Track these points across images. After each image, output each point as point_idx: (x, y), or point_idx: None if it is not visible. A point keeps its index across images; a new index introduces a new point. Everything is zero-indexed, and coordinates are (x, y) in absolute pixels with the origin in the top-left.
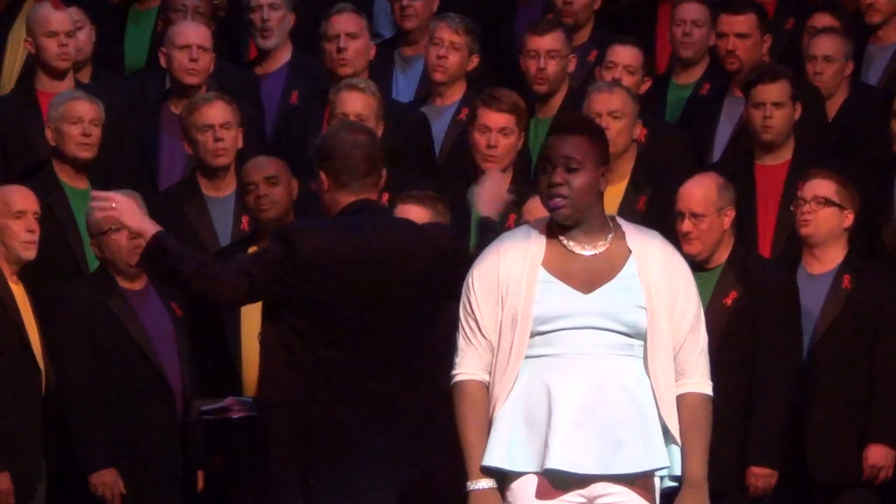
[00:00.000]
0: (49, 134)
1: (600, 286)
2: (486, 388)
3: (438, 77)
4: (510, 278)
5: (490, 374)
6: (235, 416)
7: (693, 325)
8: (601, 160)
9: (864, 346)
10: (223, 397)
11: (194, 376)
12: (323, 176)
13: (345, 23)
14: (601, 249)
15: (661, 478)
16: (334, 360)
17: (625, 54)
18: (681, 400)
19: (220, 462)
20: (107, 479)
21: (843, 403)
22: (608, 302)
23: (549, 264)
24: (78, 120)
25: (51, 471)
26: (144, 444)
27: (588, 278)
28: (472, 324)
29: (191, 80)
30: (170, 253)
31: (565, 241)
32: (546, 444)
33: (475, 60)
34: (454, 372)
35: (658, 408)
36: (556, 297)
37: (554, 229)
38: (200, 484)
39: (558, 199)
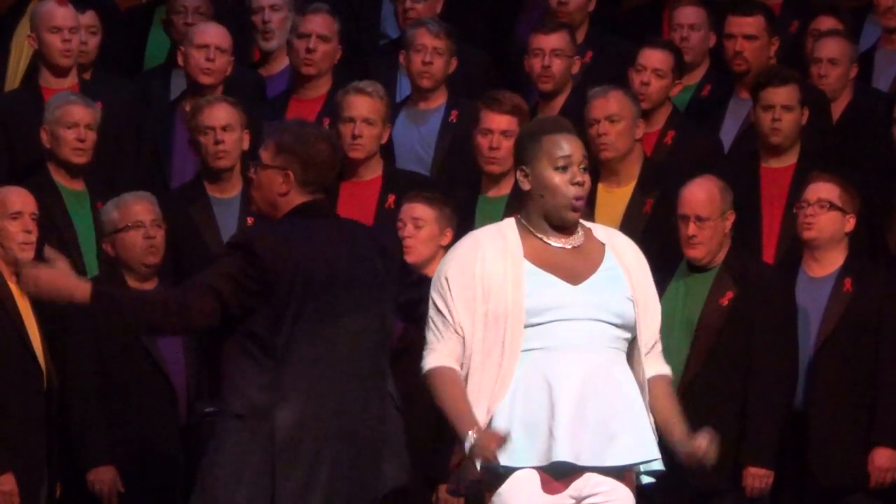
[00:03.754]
0: (44, 136)
1: (587, 278)
2: (457, 372)
3: (426, 83)
4: (492, 274)
5: (462, 366)
6: None
7: (659, 322)
8: None
9: (866, 349)
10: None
11: (200, 378)
12: (291, 176)
13: (318, 24)
14: (577, 243)
15: (638, 474)
16: (296, 365)
17: (654, 57)
18: (652, 382)
19: None
20: (104, 476)
21: (847, 406)
22: (598, 293)
23: (531, 257)
24: (73, 125)
25: (52, 471)
26: (146, 445)
27: (572, 270)
28: (445, 320)
29: (205, 79)
30: (124, 301)
31: (542, 236)
32: (552, 437)
33: (454, 63)
34: (424, 363)
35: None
36: (547, 289)
37: (526, 227)
38: None
39: (583, 200)
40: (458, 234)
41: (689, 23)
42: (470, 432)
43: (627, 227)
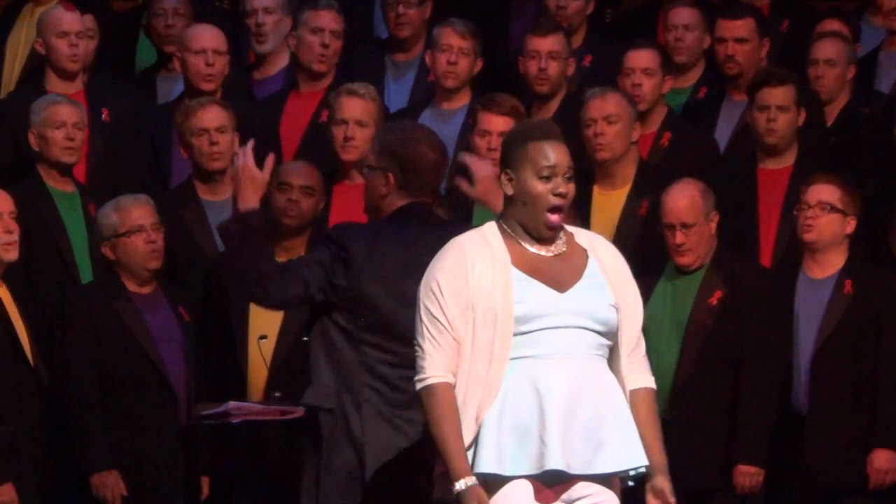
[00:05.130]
0: (32, 139)
1: (573, 285)
2: (455, 394)
3: (450, 83)
4: (480, 280)
5: (454, 375)
6: (235, 422)
7: (641, 324)
8: None
9: (866, 351)
10: (225, 401)
11: (200, 381)
12: (391, 179)
13: (331, 20)
14: (561, 250)
15: (622, 479)
16: (375, 358)
17: (640, 58)
18: (635, 394)
19: (222, 465)
20: (108, 481)
21: (846, 408)
22: (584, 300)
23: (518, 263)
24: (61, 124)
25: (48, 474)
26: (145, 449)
27: (558, 277)
28: (441, 326)
29: (206, 86)
30: (255, 244)
31: (525, 244)
32: (544, 445)
33: (479, 64)
34: (423, 375)
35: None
36: (535, 296)
37: (508, 232)
38: (206, 490)
39: (562, 214)
40: None
41: (683, 23)
42: (463, 480)
43: (623, 229)
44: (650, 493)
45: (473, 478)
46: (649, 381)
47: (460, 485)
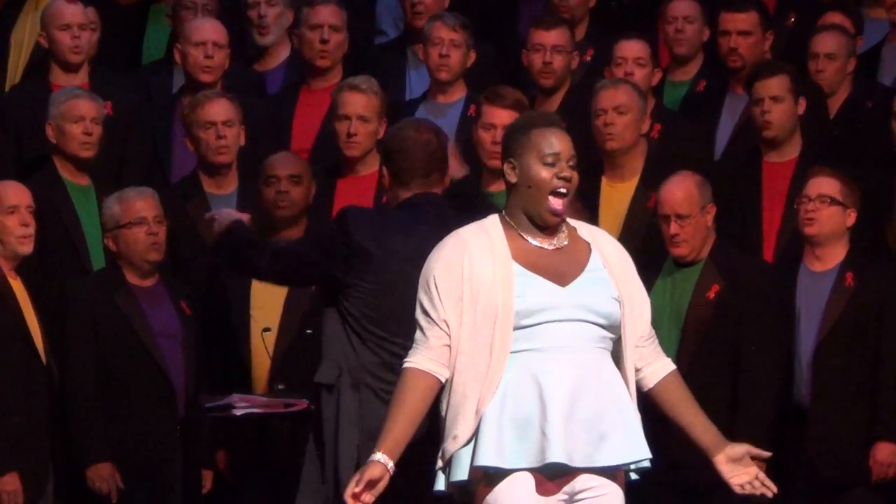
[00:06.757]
0: (49, 131)
1: (574, 279)
2: (433, 381)
3: (444, 76)
4: (480, 275)
5: (446, 367)
6: (239, 413)
7: (649, 316)
8: None
9: (868, 344)
10: (228, 393)
11: (200, 374)
12: (385, 172)
13: (330, 14)
14: (563, 244)
15: (626, 472)
16: (379, 346)
17: (632, 48)
18: (670, 379)
19: (225, 459)
20: (103, 473)
21: (848, 401)
22: (585, 294)
23: (518, 258)
24: (80, 118)
25: (57, 467)
26: (143, 442)
27: (559, 271)
28: (431, 320)
29: (205, 77)
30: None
31: (527, 237)
32: (545, 438)
33: (473, 56)
34: (405, 361)
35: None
36: (536, 290)
37: (510, 225)
38: (209, 484)
39: (566, 198)
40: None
41: (683, 15)
42: (378, 453)
43: (631, 221)
44: (729, 464)
45: (386, 456)
46: (672, 366)
47: (373, 455)
